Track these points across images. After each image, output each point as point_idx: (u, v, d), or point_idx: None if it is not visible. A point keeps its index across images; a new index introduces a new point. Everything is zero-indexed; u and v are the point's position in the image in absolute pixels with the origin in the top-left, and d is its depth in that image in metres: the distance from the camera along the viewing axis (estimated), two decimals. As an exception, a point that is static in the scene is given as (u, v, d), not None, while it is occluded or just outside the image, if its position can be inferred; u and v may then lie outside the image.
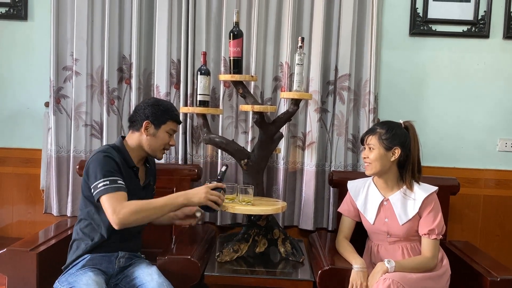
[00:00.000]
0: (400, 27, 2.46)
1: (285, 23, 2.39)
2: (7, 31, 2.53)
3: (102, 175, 1.72)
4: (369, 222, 1.95)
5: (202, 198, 1.78)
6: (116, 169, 1.77)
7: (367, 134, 1.92)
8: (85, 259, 1.78)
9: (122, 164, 1.81)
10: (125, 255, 1.86)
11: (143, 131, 1.86)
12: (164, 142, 1.90)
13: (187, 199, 1.78)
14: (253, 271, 1.95)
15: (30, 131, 2.55)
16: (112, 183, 1.72)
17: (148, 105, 1.89)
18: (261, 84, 2.42)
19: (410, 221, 1.87)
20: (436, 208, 1.87)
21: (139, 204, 1.72)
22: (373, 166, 1.88)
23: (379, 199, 1.94)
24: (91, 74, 2.42)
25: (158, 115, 1.87)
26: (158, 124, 1.87)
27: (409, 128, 1.92)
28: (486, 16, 2.43)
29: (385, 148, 1.86)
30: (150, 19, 2.44)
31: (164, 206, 1.75)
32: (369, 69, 2.38)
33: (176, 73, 2.43)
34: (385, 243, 1.94)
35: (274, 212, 1.98)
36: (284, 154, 2.40)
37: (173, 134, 1.94)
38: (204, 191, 1.79)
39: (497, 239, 2.52)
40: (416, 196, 1.87)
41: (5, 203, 2.58)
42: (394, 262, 1.75)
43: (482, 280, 1.83)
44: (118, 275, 1.83)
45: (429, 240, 1.84)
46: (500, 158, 2.50)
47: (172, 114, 1.91)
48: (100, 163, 1.75)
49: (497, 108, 2.48)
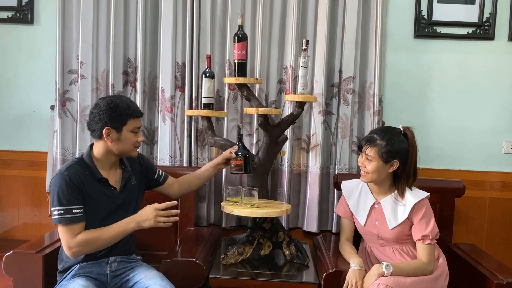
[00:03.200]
0: (404, 29, 2.46)
1: (289, 26, 2.39)
2: (13, 35, 2.55)
3: (57, 203, 1.69)
4: (360, 224, 1.95)
5: (152, 222, 1.72)
6: (73, 195, 1.71)
7: (366, 144, 1.86)
8: (74, 269, 1.77)
9: (87, 181, 1.75)
10: (116, 259, 1.83)
11: (105, 139, 1.76)
12: (132, 142, 1.80)
13: (137, 224, 1.74)
14: (257, 273, 1.95)
15: (36, 134, 2.57)
16: (67, 213, 1.69)
17: (103, 110, 1.75)
18: (266, 86, 2.42)
19: (400, 226, 1.86)
20: (428, 214, 1.85)
21: (91, 236, 1.70)
22: (370, 176, 1.87)
23: (371, 201, 1.94)
24: (96, 77, 2.44)
25: (116, 118, 1.75)
26: (119, 127, 1.76)
27: (408, 135, 1.87)
28: (491, 18, 2.42)
29: (384, 161, 1.83)
30: (155, 22, 2.45)
31: (117, 234, 1.74)
32: (374, 72, 2.38)
33: (181, 76, 2.44)
34: (376, 246, 1.94)
35: (279, 214, 1.98)
36: (288, 157, 2.40)
37: (138, 131, 1.82)
38: (152, 215, 1.72)
39: (503, 241, 2.51)
40: (407, 202, 1.86)
41: (11, 206, 2.60)
42: (392, 267, 1.73)
43: (488, 283, 1.82)
44: (114, 279, 1.81)
45: (423, 246, 1.82)
46: (506, 160, 2.49)
47: (130, 111, 1.77)
48: (56, 188, 1.71)
49: (502, 110, 2.47)
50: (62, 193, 1.69)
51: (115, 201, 1.81)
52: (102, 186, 1.80)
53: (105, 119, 1.74)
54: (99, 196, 1.77)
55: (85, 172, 1.77)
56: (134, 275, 1.80)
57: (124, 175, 1.88)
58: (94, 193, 1.77)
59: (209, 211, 2.47)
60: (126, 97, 1.89)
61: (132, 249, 1.93)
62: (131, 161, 1.93)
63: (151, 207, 1.75)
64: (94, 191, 1.77)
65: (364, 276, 1.77)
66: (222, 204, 2.03)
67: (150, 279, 1.74)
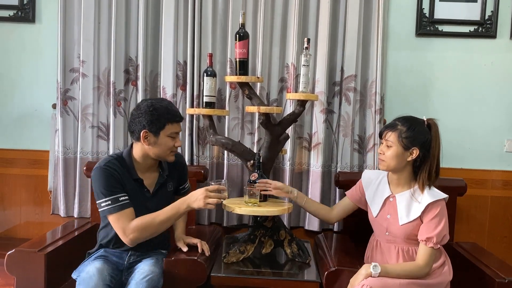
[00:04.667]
0: (406, 28, 2.45)
1: (291, 24, 2.39)
2: (15, 34, 2.55)
3: (103, 194, 1.74)
4: (373, 214, 1.92)
5: (201, 203, 1.73)
6: (116, 185, 1.76)
7: (386, 129, 1.83)
8: (99, 251, 1.87)
9: (124, 177, 1.80)
10: (135, 253, 1.88)
11: (143, 141, 1.79)
12: (169, 147, 1.82)
13: (188, 205, 1.76)
14: (259, 272, 1.95)
15: (38, 132, 2.57)
16: (114, 202, 1.74)
17: (142, 112, 1.78)
18: (267, 85, 2.42)
19: (410, 224, 1.80)
20: (441, 216, 1.77)
21: (146, 220, 1.74)
22: (388, 163, 1.82)
23: (386, 194, 1.90)
24: (98, 76, 2.44)
25: (154, 121, 1.77)
26: (157, 131, 1.78)
27: (431, 126, 1.81)
28: (493, 16, 2.41)
29: (403, 147, 1.78)
30: (156, 21, 2.45)
31: (170, 217, 1.77)
32: (375, 70, 2.37)
33: (182, 75, 2.44)
34: (383, 240, 1.90)
35: (280, 213, 1.99)
36: (290, 155, 2.40)
37: (176, 136, 1.85)
38: (202, 196, 1.73)
39: (505, 240, 2.50)
40: (423, 200, 1.79)
41: (13, 204, 2.61)
42: (380, 267, 1.67)
43: (490, 282, 1.81)
44: (128, 270, 1.84)
45: (425, 248, 1.74)
46: (508, 159, 2.48)
47: (169, 116, 1.80)
48: (99, 180, 1.76)
49: (504, 108, 2.47)
50: (106, 184, 1.74)
51: (146, 204, 1.84)
52: (137, 186, 1.84)
53: (144, 122, 1.77)
54: (133, 194, 1.81)
55: (123, 169, 1.81)
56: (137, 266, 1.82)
57: (159, 180, 1.91)
58: (130, 190, 1.81)
59: (210, 209, 2.47)
60: (168, 101, 1.89)
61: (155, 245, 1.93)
62: (170, 166, 1.95)
63: (202, 188, 1.76)
64: (129, 187, 1.81)
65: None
66: (224, 203, 2.03)
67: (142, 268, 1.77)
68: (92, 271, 1.68)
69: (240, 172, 2.44)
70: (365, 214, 1.99)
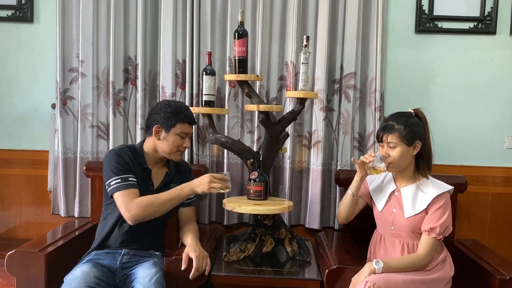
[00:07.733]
0: (405, 25, 2.45)
1: (290, 22, 2.39)
2: (13, 34, 2.55)
3: (114, 173, 1.82)
4: (378, 209, 1.93)
5: (205, 187, 1.79)
6: (126, 166, 1.84)
7: (384, 132, 1.84)
8: (90, 255, 1.87)
9: (134, 164, 1.88)
10: (129, 252, 1.88)
11: (154, 135, 1.89)
12: (176, 145, 1.90)
13: (191, 189, 1.82)
14: (260, 270, 1.95)
15: (37, 132, 2.57)
16: (124, 181, 1.81)
17: (158, 109, 1.90)
18: (267, 83, 2.42)
19: (416, 216, 1.82)
20: (445, 207, 1.81)
21: (149, 199, 1.80)
22: (397, 164, 1.83)
23: (392, 188, 1.92)
24: (97, 75, 2.44)
25: (167, 118, 1.88)
26: (168, 127, 1.88)
27: (420, 116, 1.87)
28: (493, 12, 2.40)
29: (407, 144, 1.81)
30: (155, 20, 2.45)
31: (172, 199, 1.82)
32: (375, 67, 2.37)
33: (181, 74, 2.43)
34: (387, 235, 1.91)
35: (281, 211, 1.98)
36: (290, 153, 2.39)
37: (185, 137, 1.92)
38: (207, 180, 1.79)
39: (506, 237, 2.50)
40: (429, 192, 1.83)
41: (13, 205, 2.60)
42: (382, 262, 1.69)
43: (491, 279, 1.81)
44: (123, 271, 1.84)
45: (427, 238, 1.78)
46: (508, 156, 2.48)
47: (181, 116, 1.89)
48: (111, 161, 1.84)
49: (504, 105, 2.46)
50: (117, 165, 1.83)
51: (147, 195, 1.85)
52: (144, 176, 1.91)
53: (158, 118, 1.89)
54: (139, 183, 1.86)
55: (135, 157, 1.90)
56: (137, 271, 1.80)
57: (166, 178, 1.98)
58: (138, 178, 1.86)
59: (210, 208, 2.47)
60: (185, 105, 1.99)
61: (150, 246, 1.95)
62: (175, 169, 2.01)
63: (207, 174, 1.84)
64: (138, 175, 1.88)
65: None
66: (224, 202, 2.03)
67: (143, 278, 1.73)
68: (77, 274, 1.71)
69: (240, 170, 2.44)
70: (366, 213, 1.99)
